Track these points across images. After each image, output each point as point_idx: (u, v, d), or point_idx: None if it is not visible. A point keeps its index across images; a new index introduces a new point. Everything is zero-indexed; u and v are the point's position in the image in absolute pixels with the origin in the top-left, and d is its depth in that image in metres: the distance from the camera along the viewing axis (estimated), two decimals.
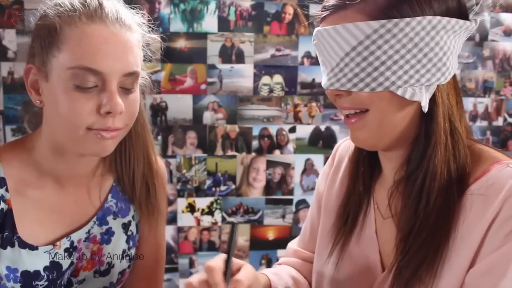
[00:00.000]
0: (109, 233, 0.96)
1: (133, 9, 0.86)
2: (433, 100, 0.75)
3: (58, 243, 0.89)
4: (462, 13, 0.76)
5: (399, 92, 0.74)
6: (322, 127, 2.00)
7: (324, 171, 1.06)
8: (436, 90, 0.75)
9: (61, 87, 0.78)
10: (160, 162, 1.04)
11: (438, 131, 0.75)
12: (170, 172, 1.93)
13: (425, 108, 0.75)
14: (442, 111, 0.75)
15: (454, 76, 0.79)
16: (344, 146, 1.03)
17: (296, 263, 1.07)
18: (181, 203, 1.96)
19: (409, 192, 0.79)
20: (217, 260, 0.76)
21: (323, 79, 0.80)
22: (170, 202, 1.94)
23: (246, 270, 0.78)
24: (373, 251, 0.87)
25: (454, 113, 0.77)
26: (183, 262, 2.00)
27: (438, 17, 0.72)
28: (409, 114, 0.77)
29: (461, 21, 0.74)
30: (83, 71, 0.76)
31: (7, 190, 0.85)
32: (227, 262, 0.76)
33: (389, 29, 0.71)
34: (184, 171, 1.94)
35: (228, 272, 0.75)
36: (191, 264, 2.00)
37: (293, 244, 1.12)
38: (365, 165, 0.91)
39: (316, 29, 0.79)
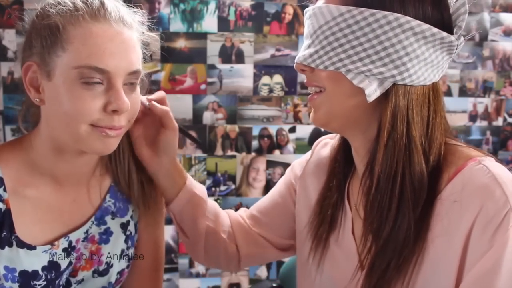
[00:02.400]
0: (107, 233, 0.96)
1: (132, 7, 0.87)
2: (385, 97, 0.76)
3: (56, 242, 0.89)
4: (445, 26, 0.76)
5: (349, 76, 0.76)
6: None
7: (301, 160, 1.07)
8: (392, 88, 0.76)
9: (67, 86, 0.78)
10: None
11: (383, 129, 0.76)
12: None
13: (369, 98, 0.76)
14: (391, 111, 0.76)
15: (435, 86, 0.79)
16: (326, 142, 1.04)
17: (235, 215, 1.11)
18: None
19: (368, 189, 0.80)
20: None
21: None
22: None
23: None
24: (351, 251, 0.87)
25: (413, 121, 0.76)
26: (183, 262, 2.00)
27: (408, 18, 0.73)
28: (363, 103, 0.77)
29: (435, 30, 0.74)
30: (89, 70, 0.77)
31: (5, 190, 0.85)
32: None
33: (353, 15, 0.75)
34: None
35: None
36: (191, 264, 2.00)
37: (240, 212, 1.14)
38: (341, 163, 0.93)
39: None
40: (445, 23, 0.77)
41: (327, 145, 1.02)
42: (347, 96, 0.78)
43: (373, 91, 0.76)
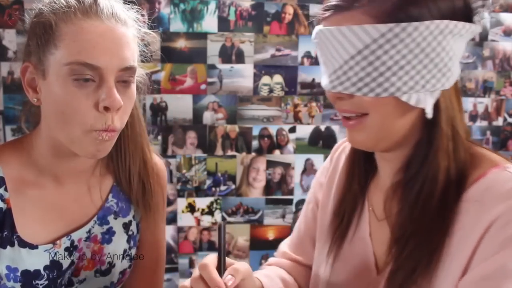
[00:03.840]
0: (110, 232, 0.96)
1: (128, 4, 0.86)
2: (436, 105, 0.74)
3: (58, 242, 0.89)
4: (467, 15, 0.73)
5: (404, 98, 0.72)
6: (322, 127, 2.00)
7: (324, 166, 1.04)
8: (440, 95, 0.74)
9: (59, 84, 0.78)
10: (156, 160, 1.03)
11: (441, 137, 0.74)
12: (170, 172, 1.93)
13: (430, 115, 0.73)
14: (445, 117, 0.74)
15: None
16: (344, 146, 1.01)
17: (286, 264, 1.06)
18: (181, 203, 1.96)
19: (406, 196, 0.77)
20: (210, 258, 0.76)
21: (324, 80, 0.78)
22: (170, 202, 1.94)
23: (241, 264, 0.79)
24: (367, 253, 0.85)
25: (457, 117, 0.76)
26: (183, 262, 2.00)
27: (446, 21, 0.70)
28: (411, 120, 0.75)
29: (467, 25, 0.72)
30: (80, 67, 0.76)
31: (6, 189, 0.85)
32: (220, 259, 0.76)
33: (396, 34, 0.69)
34: (184, 171, 1.94)
35: (222, 267, 0.76)
36: (191, 264, 2.00)
37: (284, 246, 1.11)
38: (360, 166, 0.90)
39: (317, 27, 0.76)
40: (467, 12, 0.74)
41: (345, 149, 0.99)
42: (397, 117, 0.74)
43: (430, 106, 0.73)
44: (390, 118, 0.75)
